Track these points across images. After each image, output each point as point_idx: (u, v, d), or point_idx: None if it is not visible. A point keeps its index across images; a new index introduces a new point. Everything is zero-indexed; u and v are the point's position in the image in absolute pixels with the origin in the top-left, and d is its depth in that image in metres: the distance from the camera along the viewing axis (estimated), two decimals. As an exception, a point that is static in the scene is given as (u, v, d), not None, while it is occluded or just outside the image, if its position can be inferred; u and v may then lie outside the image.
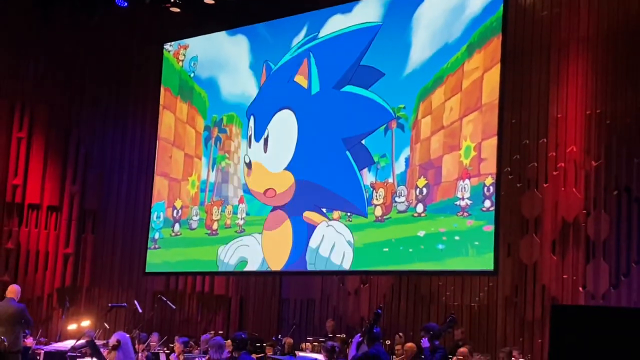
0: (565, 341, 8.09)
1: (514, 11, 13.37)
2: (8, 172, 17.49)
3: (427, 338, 9.62)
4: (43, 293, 17.28)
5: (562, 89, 13.28)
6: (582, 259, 12.74)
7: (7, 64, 17.58)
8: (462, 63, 13.00)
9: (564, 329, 8.17)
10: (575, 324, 8.23)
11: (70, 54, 17.94)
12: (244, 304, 16.54)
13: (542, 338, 12.61)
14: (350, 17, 14.50)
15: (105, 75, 18.06)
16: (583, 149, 12.95)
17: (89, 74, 18.06)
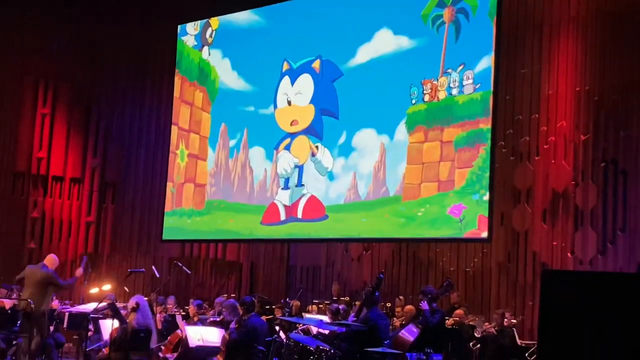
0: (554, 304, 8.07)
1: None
2: (33, 146, 17.53)
3: (425, 301, 9.63)
4: (67, 259, 17.31)
5: (553, 67, 13.25)
6: (571, 227, 12.76)
7: (31, 44, 17.55)
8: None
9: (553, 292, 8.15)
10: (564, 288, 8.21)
11: (91, 34, 17.89)
12: (254, 269, 16.58)
13: (532, 301, 12.63)
14: None
15: (124, 55, 18.03)
16: (572, 124, 12.95)
17: (108, 53, 18.02)
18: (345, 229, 14.19)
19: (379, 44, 14.04)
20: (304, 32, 15.14)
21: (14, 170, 17.39)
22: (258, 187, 15.45)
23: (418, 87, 13.40)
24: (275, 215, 14.98)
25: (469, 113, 12.81)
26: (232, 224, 15.73)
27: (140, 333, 10.20)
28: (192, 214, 16.41)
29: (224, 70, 16.37)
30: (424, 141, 13.29)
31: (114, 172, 18.04)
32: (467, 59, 12.93)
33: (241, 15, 16.30)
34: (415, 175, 13.29)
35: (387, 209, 13.61)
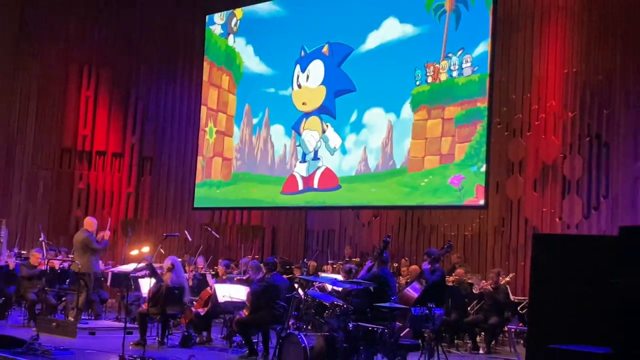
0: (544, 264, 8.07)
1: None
2: (78, 125, 17.59)
3: (428, 261, 9.62)
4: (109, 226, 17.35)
5: (543, 51, 13.18)
6: (559, 195, 12.74)
7: (76, 33, 17.56)
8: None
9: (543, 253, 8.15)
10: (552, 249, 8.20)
11: (130, 24, 17.88)
12: (276, 233, 16.60)
13: (524, 261, 12.62)
14: None
15: (158, 42, 18.00)
16: (561, 103, 12.89)
17: (145, 41, 17.99)
18: (356, 197, 14.21)
19: (387, 31, 13.96)
20: (319, 21, 15.06)
21: (62, 146, 17.46)
22: (278, 161, 15.46)
23: (422, 70, 13.34)
24: (294, 186, 15.01)
25: (467, 93, 12.76)
26: (255, 193, 15.77)
27: (174, 290, 10.26)
28: (220, 185, 16.45)
29: (247, 56, 16.32)
30: (427, 119, 13.25)
31: (151, 147, 18.06)
32: (466, 44, 12.85)
33: (263, 6, 16.22)
34: (419, 149, 13.27)
35: (394, 179, 13.61)
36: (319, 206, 15.05)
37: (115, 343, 9.09)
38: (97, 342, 10.04)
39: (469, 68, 12.75)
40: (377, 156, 13.92)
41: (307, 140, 14.91)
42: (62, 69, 17.48)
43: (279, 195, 15.30)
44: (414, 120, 13.40)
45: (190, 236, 15.07)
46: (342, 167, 14.39)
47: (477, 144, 12.54)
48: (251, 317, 9.38)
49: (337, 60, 14.56)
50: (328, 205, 14.79)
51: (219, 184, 16.46)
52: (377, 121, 13.96)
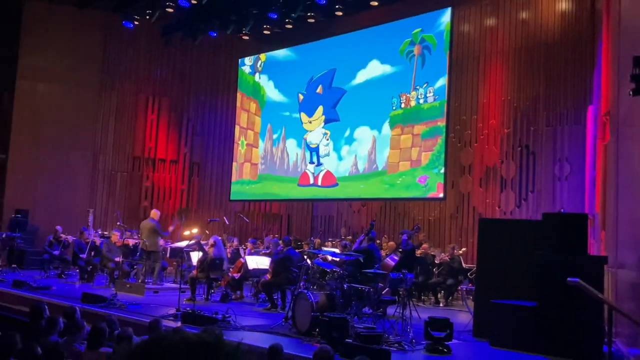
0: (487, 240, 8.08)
1: (456, 35, 13.12)
2: (145, 139, 17.57)
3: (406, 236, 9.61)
4: (169, 212, 17.42)
5: (486, 84, 13.15)
6: (498, 190, 12.71)
7: (143, 72, 17.54)
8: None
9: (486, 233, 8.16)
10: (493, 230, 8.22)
11: (182, 65, 17.86)
12: (290, 219, 16.60)
13: (473, 238, 12.61)
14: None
15: (204, 78, 17.98)
16: (499, 122, 12.86)
17: (193, 77, 17.98)
18: (349, 192, 14.20)
19: (371, 70, 13.95)
20: (321, 62, 15.04)
21: (133, 155, 17.46)
22: (292, 166, 15.45)
23: (397, 98, 13.32)
24: (307, 180, 15.00)
25: (430, 115, 12.73)
26: (275, 189, 15.77)
27: (216, 260, 10.28)
28: (249, 183, 16.44)
29: (269, 89, 16.31)
30: (401, 134, 13.23)
31: (198, 155, 18.05)
32: (429, 79, 12.83)
33: (280, 52, 16.21)
34: (395, 157, 13.26)
35: (377, 179, 13.60)
36: (322, 198, 15.05)
37: (173, 299, 9.11)
38: (159, 299, 10.07)
39: (432, 96, 12.73)
40: (364, 161, 13.90)
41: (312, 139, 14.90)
42: (133, 97, 17.48)
43: (294, 189, 15.29)
44: (392, 135, 13.39)
45: (228, 221, 15.05)
46: (339, 169, 14.39)
47: (438, 152, 12.52)
48: (272, 280, 9.39)
49: (333, 102, 14.54)
50: (329, 198, 14.79)
51: (249, 182, 16.45)
52: (364, 136, 13.94)
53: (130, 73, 17.43)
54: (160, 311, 8.56)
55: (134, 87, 17.48)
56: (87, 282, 12.13)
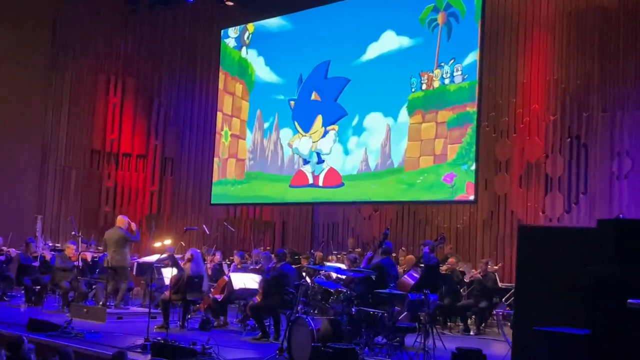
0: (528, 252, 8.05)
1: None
2: (106, 129, 17.61)
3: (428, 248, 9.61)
4: (135, 220, 17.34)
5: (527, 60, 13.14)
6: (542, 191, 12.71)
7: (103, 46, 17.58)
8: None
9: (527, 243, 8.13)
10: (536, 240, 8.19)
11: (152, 38, 17.90)
12: (285, 226, 16.61)
13: (511, 250, 12.59)
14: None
15: (178, 54, 18.02)
16: (544, 107, 12.85)
17: (166, 54, 18.01)
18: (358, 193, 14.19)
19: (385, 43, 13.94)
20: (323, 33, 15.04)
21: (92, 148, 17.49)
22: (287, 161, 15.45)
23: (417, 78, 13.32)
24: (303, 179, 14.99)
25: (458, 99, 12.73)
26: (266, 190, 15.77)
27: (194, 279, 10.28)
28: (234, 183, 16.45)
29: (258, 66, 16.31)
30: (422, 122, 13.23)
31: (172, 149, 18.07)
32: (457, 54, 12.82)
33: (272, 21, 16.21)
34: (415, 150, 13.25)
35: (392, 177, 13.59)
36: (324, 202, 15.04)
37: (141, 327, 9.11)
38: (124, 326, 10.07)
39: (460, 76, 12.72)
40: (376, 156, 13.90)
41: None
42: (91, 79, 17.52)
43: (288, 192, 15.29)
44: (410, 124, 13.37)
45: (208, 230, 15.07)
46: (345, 166, 14.38)
47: (468, 144, 12.51)
48: (263, 303, 9.39)
49: (334, 96, 14.57)
50: (332, 201, 14.78)
51: (234, 182, 16.46)
52: (377, 125, 13.94)
53: (88, 48, 17.45)
54: (125, 341, 8.57)
55: (93, 65, 17.51)
56: (34, 306, 12.14)
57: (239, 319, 10.65)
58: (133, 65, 17.82)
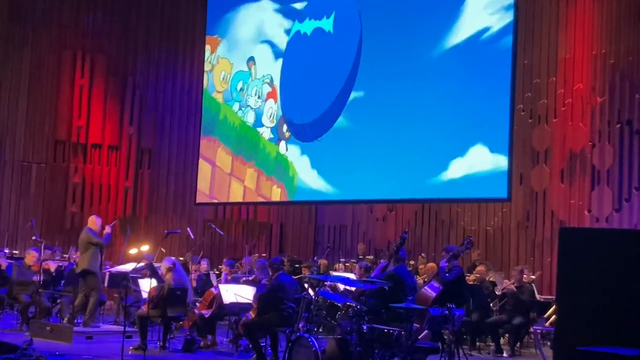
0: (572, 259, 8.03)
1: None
2: (72, 116, 17.63)
3: (446, 258, 9.58)
4: (107, 221, 17.30)
5: (569, 32, 13.11)
6: (588, 186, 12.69)
7: (68, 18, 17.59)
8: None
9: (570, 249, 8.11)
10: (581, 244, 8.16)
11: (125, 8, 17.90)
12: (284, 229, 16.62)
13: (550, 257, 12.59)
14: None
15: (155, 26, 18.02)
16: (589, 86, 12.83)
17: (142, 25, 18.01)
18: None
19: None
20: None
21: (55, 138, 17.51)
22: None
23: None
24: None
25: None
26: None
27: (177, 291, 10.29)
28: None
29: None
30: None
31: (150, 139, 18.09)
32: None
33: None
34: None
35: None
36: (329, 200, 15.04)
37: (113, 348, 9.13)
38: (94, 347, 10.08)
39: (490, 50, 12.74)
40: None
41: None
42: (54, 56, 17.51)
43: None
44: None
45: (193, 233, 15.07)
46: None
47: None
48: (258, 319, 9.39)
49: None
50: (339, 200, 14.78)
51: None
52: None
53: (50, 20, 17.46)
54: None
55: (56, 40, 17.52)
56: (-11, 324, 12.18)
57: (229, 339, 10.66)
58: (103, 40, 17.82)
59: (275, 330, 9.35)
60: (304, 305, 8.50)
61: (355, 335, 7.68)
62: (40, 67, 17.43)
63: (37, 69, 17.41)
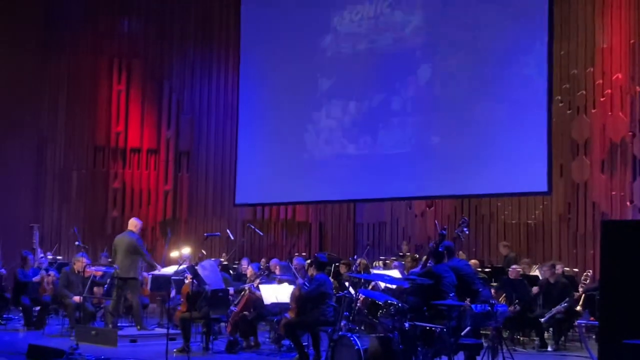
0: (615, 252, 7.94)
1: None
2: (111, 121, 17.77)
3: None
4: (147, 226, 17.46)
5: (606, 20, 13.00)
6: (629, 177, 12.58)
7: (104, 24, 17.73)
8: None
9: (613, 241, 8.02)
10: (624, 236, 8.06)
11: (159, 12, 17.99)
12: (323, 228, 16.65)
13: (593, 250, 12.47)
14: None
15: (190, 30, 18.08)
16: (628, 76, 12.71)
17: (176, 29, 18.08)
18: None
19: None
20: None
21: (95, 144, 17.66)
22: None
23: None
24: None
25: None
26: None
27: (218, 293, 10.34)
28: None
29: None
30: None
31: (187, 141, 18.16)
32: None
33: None
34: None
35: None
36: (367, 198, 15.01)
37: (157, 350, 9.19)
38: (139, 350, 10.15)
39: (525, 42, 12.63)
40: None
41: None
42: (91, 62, 17.66)
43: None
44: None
45: (233, 235, 15.09)
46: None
47: (537, 124, 12.42)
48: (299, 319, 9.39)
49: None
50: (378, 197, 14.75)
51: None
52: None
53: (86, 27, 17.62)
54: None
55: (92, 46, 17.67)
56: (35, 329, 12.31)
57: (271, 339, 10.68)
58: (138, 45, 17.95)
59: (317, 329, 9.36)
60: (345, 304, 8.50)
61: (398, 333, 7.66)
62: (77, 74, 17.58)
63: (75, 76, 17.57)
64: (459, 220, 10.47)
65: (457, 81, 13.25)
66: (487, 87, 12.90)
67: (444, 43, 13.47)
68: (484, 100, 12.91)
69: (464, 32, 13.19)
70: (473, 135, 13.03)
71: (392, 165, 13.99)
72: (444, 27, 13.52)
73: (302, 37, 15.68)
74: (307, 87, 15.45)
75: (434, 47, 13.61)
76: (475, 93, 13.03)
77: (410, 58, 13.83)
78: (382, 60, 14.27)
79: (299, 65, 15.61)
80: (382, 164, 14.09)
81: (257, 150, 16.39)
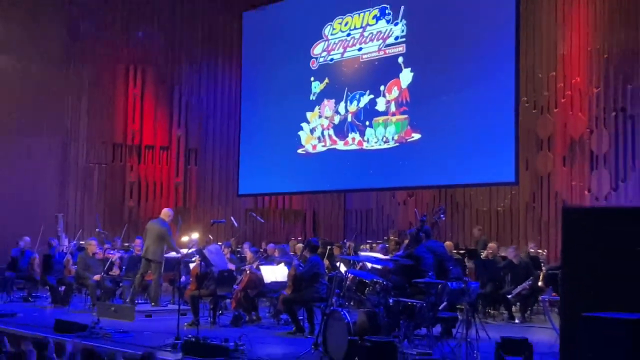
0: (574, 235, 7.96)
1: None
2: (127, 121, 17.73)
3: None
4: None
5: (566, 30, 13.01)
6: (587, 169, 12.59)
7: (121, 36, 17.66)
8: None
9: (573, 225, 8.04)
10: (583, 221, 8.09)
11: (171, 25, 17.93)
12: (316, 216, 16.65)
13: (556, 234, 12.50)
14: None
15: (199, 40, 18.03)
16: (586, 79, 12.73)
17: (186, 40, 18.01)
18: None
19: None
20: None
21: (113, 141, 17.63)
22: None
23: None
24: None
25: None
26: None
27: (224, 273, 10.35)
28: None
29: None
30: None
31: (195, 139, 18.13)
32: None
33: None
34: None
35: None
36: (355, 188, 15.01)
37: (170, 324, 9.20)
38: (154, 324, 10.17)
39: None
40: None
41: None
42: (109, 69, 17.62)
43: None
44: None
45: (236, 222, 15.10)
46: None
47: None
48: (296, 295, 9.42)
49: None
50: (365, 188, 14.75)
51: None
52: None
53: (104, 37, 17.55)
54: (155, 340, 8.63)
55: (110, 54, 17.60)
56: (61, 306, 12.31)
57: (271, 313, 10.70)
58: (151, 53, 17.88)
59: (311, 305, 9.38)
60: (336, 283, 8.51)
61: (383, 308, 7.68)
62: (97, 80, 17.53)
63: (95, 82, 17.51)
64: (436, 208, 10.56)
65: (435, 84, 13.23)
66: (462, 90, 12.87)
67: (424, 51, 13.44)
68: (459, 101, 12.89)
69: (441, 41, 13.17)
70: (449, 132, 13.02)
71: (378, 159, 14.00)
72: (423, 36, 13.51)
73: (297, 45, 15.65)
74: (301, 89, 15.42)
75: (415, 54, 13.58)
76: (452, 95, 13.01)
77: (393, 64, 13.81)
78: (369, 66, 14.28)
79: (294, 70, 15.59)
80: (368, 158, 14.09)
81: (257, 146, 16.39)
